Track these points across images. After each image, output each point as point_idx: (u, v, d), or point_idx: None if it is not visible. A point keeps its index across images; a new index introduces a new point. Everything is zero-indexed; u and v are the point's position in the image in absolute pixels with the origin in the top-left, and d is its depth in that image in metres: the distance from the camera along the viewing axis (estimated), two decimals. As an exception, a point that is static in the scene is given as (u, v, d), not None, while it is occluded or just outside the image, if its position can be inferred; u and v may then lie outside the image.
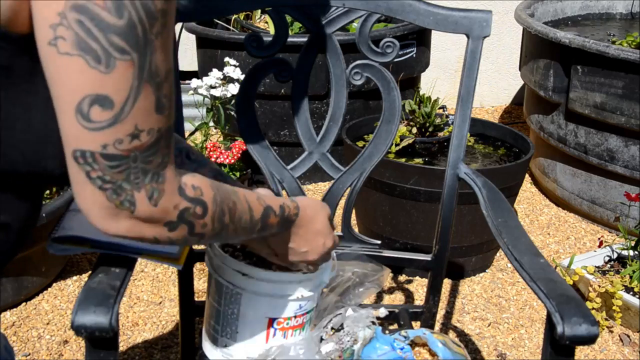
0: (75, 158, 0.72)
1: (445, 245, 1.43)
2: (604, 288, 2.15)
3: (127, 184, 0.74)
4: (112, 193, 0.74)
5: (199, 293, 2.21)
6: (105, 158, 0.71)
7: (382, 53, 1.36)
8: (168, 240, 0.83)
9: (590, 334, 0.94)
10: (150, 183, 0.76)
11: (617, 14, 3.45)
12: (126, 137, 0.71)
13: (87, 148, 0.71)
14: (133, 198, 0.75)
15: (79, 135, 0.70)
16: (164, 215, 0.79)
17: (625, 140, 2.57)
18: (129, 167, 0.73)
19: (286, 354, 1.13)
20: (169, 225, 0.81)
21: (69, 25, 0.66)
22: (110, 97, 0.68)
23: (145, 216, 0.77)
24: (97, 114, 0.69)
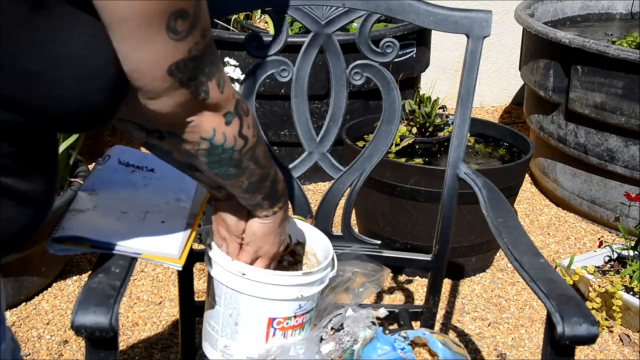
0: (171, 72, 0.81)
1: (445, 245, 1.43)
2: (604, 288, 2.15)
3: (203, 77, 0.85)
4: (195, 88, 0.84)
5: (199, 293, 2.21)
6: (191, 61, 0.82)
7: (382, 53, 1.36)
8: (222, 138, 0.92)
9: (590, 334, 0.94)
10: (217, 72, 0.87)
11: (617, 14, 3.45)
12: (200, 39, 0.81)
13: (180, 58, 0.80)
14: (207, 87, 0.86)
15: (171, 50, 0.80)
16: (226, 103, 0.90)
17: (625, 140, 2.57)
18: (204, 62, 0.84)
19: (286, 353, 1.13)
20: (227, 117, 0.91)
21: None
22: (185, 8, 0.78)
23: (214, 102, 0.88)
24: (180, 25, 0.78)
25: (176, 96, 0.84)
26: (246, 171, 0.99)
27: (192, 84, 0.84)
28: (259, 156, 1.00)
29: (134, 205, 1.14)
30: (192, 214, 1.15)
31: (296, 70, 1.37)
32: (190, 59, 0.82)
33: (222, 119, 0.91)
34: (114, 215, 1.11)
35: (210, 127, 0.90)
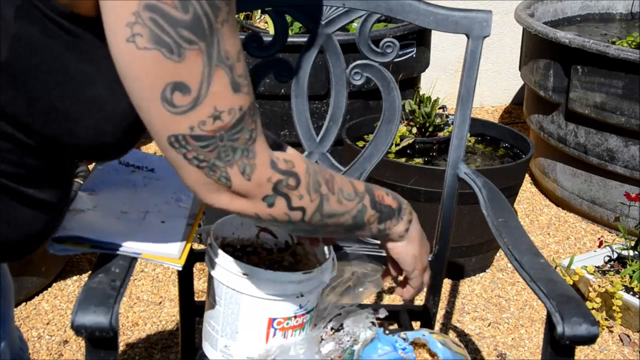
0: (170, 144, 0.78)
1: (445, 245, 1.43)
2: (604, 288, 2.15)
3: (219, 162, 0.80)
4: (209, 170, 0.80)
5: (199, 293, 2.21)
6: (194, 139, 0.78)
7: (382, 53, 1.36)
8: (271, 217, 0.87)
9: (590, 334, 0.94)
10: (241, 159, 0.81)
11: (617, 14, 3.45)
12: (208, 119, 0.77)
13: (179, 132, 0.77)
14: (227, 174, 0.81)
15: (168, 121, 0.77)
16: (259, 189, 0.84)
17: (625, 140, 2.57)
18: (217, 146, 0.79)
19: (286, 354, 1.13)
20: (267, 200, 0.86)
21: (144, 23, 0.72)
22: (186, 83, 0.75)
23: (241, 190, 0.83)
24: (178, 98, 0.75)
25: (189, 171, 0.81)
26: (328, 226, 0.94)
27: (203, 165, 0.80)
28: (332, 209, 0.93)
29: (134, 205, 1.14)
30: (192, 214, 1.15)
31: (296, 70, 1.37)
32: (193, 137, 0.78)
33: (262, 203, 0.86)
34: (114, 215, 1.11)
35: (251, 212, 0.86)
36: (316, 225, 0.92)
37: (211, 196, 0.83)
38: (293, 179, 0.87)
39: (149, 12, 0.72)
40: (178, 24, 0.73)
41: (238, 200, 0.84)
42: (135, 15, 0.72)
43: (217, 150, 0.79)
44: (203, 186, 0.82)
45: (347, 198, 0.95)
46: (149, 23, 0.72)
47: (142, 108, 0.78)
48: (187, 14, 0.73)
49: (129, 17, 0.72)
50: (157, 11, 0.72)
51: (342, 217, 0.95)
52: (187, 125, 0.77)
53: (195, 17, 0.73)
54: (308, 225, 0.92)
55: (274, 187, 0.85)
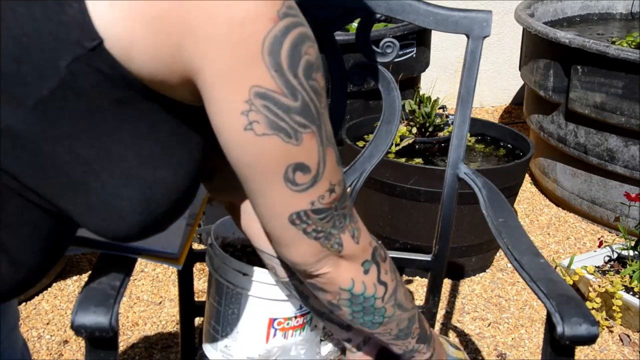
0: (292, 222, 0.82)
1: (445, 245, 1.43)
2: (604, 288, 2.15)
3: (334, 229, 0.85)
4: (325, 240, 0.85)
5: (199, 293, 2.21)
6: (314, 213, 0.82)
7: (382, 53, 1.36)
8: (362, 287, 0.92)
9: (590, 334, 0.94)
10: (350, 224, 0.87)
11: (617, 14, 3.45)
12: (326, 192, 0.82)
13: (300, 209, 0.81)
14: (340, 239, 0.87)
15: (291, 200, 0.80)
16: (363, 253, 0.90)
17: (625, 140, 2.57)
18: (332, 215, 0.84)
19: (287, 354, 1.13)
20: (365, 266, 0.91)
21: (258, 110, 0.74)
22: (306, 163, 0.79)
23: (349, 254, 0.88)
24: (300, 177, 0.79)
25: (304, 245, 0.85)
26: (393, 318, 0.98)
27: (320, 236, 0.84)
28: (401, 300, 0.98)
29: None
30: (192, 214, 1.15)
31: (296, 70, 1.37)
32: (314, 211, 0.82)
33: (361, 268, 0.91)
34: (114, 215, 1.11)
35: (348, 278, 0.91)
36: (386, 312, 0.97)
37: (318, 265, 0.87)
38: (382, 251, 0.95)
39: (261, 99, 0.73)
40: (290, 110, 0.75)
41: (341, 267, 0.89)
42: (249, 103, 0.73)
43: (333, 220, 0.84)
44: (314, 256, 0.86)
45: (407, 298, 1.00)
46: (263, 110, 0.73)
47: (261, 192, 0.80)
48: (297, 101, 0.75)
49: (242, 105, 0.73)
50: (268, 99, 0.73)
51: (403, 314, 1.00)
52: (309, 201, 0.81)
53: (304, 103, 0.76)
54: (380, 311, 0.96)
55: (372, 253, 0.92)
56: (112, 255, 1.01)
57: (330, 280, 0.90)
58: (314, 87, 0.77)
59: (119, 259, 1.01)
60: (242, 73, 0.72)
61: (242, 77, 0.72)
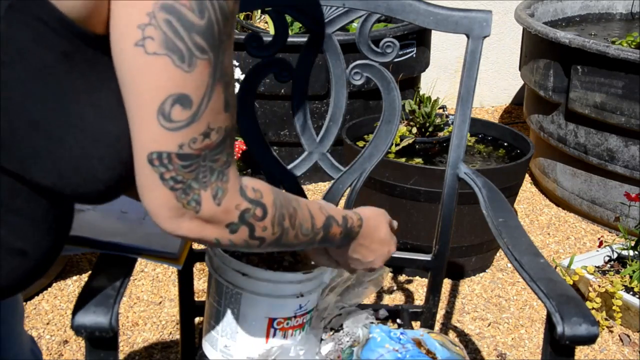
0: (150, 161, 0.73)
1: (445, 245, 1.43)
2: (604, 288, 2.15)
3: (196, 183, 0.76)
4: (182, 193, 0.75)
5: (199, 293, 2.21)
6: (180, 158, 0.73)
7: (382, 53, 1.36)
8: (229, 243, 0.84)
9: (590, 334, 0.94)
10: (216, 182, 0.77)
11: (617, 14, 3.45)
12: (199, 136, 0.73)
13: (165, 149, 0.72)
14: (199, 197, 0.77)
15: (157, 137, 0.72)
16: (226, 216, 0.80)
17: (625, 140, 2.57)
18: (198, 166, 0.75)
19: (286, 354, 1.13)
20: (230, 227, 0.82)
21: (157, 25, 0.68)
22: (190, 96, 0.70)
23: (208, 216, 0.79)
24: (177, 113, 0.71)
25: (157, 194, 0.75)
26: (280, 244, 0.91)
27: (178, 187, 0.75)
28: (287, 241, 0.91)
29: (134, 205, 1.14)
30: (192, 214, 1.15)
31: (296, 70, 1.37)
32: (179, 156, 0.73)
33: (225, 229, 0.82)
34: (114, 215, 1.11)
35: (212, 237, 0.82)
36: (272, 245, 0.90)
37: (172, 222, 0.78)
38: (260, 209, 0.85)
39: (165, 13, 0.68)
40: (193, 28, 0.69)
41: (201, 227, 0.80)
42: (150, 16, 0.68)
43: (197, 171, 0.75)
44: (168, 211, 0.77)
45: (304, 233, 0.93)
46: (163, 26, 0.68)
47: (134, 120, 0.72)
48: (203, 19, 0.69)
49: (142, 18, 0.68)
50: (174, 13, 0.68)
51: (294, 247, 0.95)
52: (178, 143, 0.72)
53: (209, 24, 0.69)
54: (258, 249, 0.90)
55: (240, 215, 0.82)
56: (112, 255, 1.02)
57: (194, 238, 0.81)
58: (223, 9, 0.70)
59: (119, 259, 1.01)
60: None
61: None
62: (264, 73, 1.37)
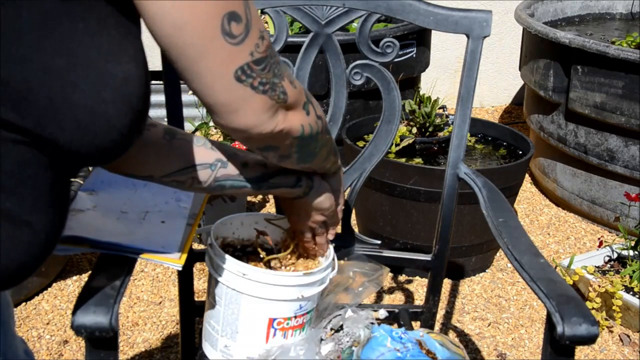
0: (238, 78, 0.80)
1: (445, 245, 1.43)
2: (604, 288, 2.15)
3: (276, 78, 0.84)
4: (272, 91, 0.84)
5: (199, 293, 2.21)
6: (256, 64, 0.81)
7: (382, 53, 1.36)
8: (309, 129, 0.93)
9: (590, 334, 0.94)
10: (285, 70, 0.87)
11: (617, 14, 3.45)
12: (259, 40, 0.81)
13: (243, 62, 0.80)
14: (283, 87, 0.86)
15: (232, 55, 0.79)
16: (301, 96, 0.91)
17: (625, 140, 2.57)
18: (269, 64, 0.83)
19: (286, 354, 1.13)
20: (305, 108, 0.92)
21: None
22: (236, 11, 0.77)
23: (293, 100, 0.88)
24: (235, 28, 0.78)
25: (255, 102, 0.83)
26: (325, 144, 1.02)
27: (267, 88, 0.83)
28: (326, 124, 1.01)
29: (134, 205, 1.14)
30: (192, 214, 1.15)
31: (296, 70, 1.37)
32: (255, 62, 0.81)
33: (303, 111, 0.92)
34: (114, 215, 1.11)
35: (299, 125, 0.91)
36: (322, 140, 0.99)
37: (271, 122, 0.85)
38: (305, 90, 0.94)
39: None
40: None
41: (288, 117, 0.88)
42: None
43: (271, 68, 0.83)
44: (267, 112, 0.84)
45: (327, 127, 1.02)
46: None
47: (202, 55, 0.78)
48: None
49: None
50: None
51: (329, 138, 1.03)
52: (249, 52, 0.80)
53: None
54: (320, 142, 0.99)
55: (305, 94, 0.93)
56: (112, 255, 1.02)
57: (285, 134, 0.89)
58: None
59: (119, 259, 1.01)
60: None
61: None
62: (264, 73, 1.37)
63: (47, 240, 0.81)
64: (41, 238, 0.80)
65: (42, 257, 0.82)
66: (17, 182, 0.75)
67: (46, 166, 0.77)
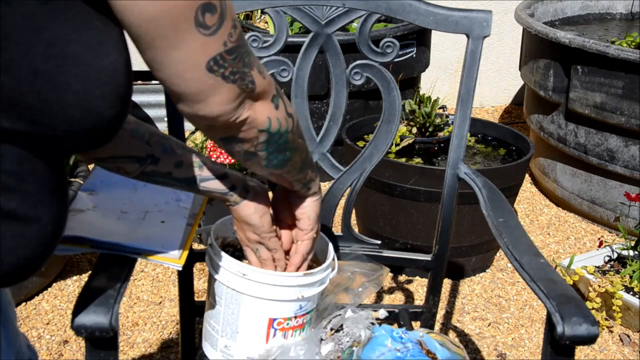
0: (210, 69, 0.80)
1: (445, 245, 1.43)
2: (604, 288, 2.15)
3: (246, 68, 0.84)
4: (240, 81, 0.84)
5: (199, 293, 2.21)
6: (228, 53, 0.81)
7: (382, 53, 1.36)
8: (277, 123, 0.92)
9: (590, 334, 0.94)
10: (254, 59, 0.87)
11: (617, 14, 3.45)
12: (232, 29, 0.81)
13: (216, 52, 0.79)
14: (252, 77, 0.85)
15: (205, 46, 0.78)
16: (270, 87, 0.90)
17: (625, 140, 2.57)
18: (240, 53, 0.83)
19: (286, 354, 1.13)
20: (274, 101, 0.91)
21: None
22: (211, 2, 0.77)
23: (261, 90, 0.88)
24: (209, 19, 0.77)
25: (224, 93, 0.83)
26: (298, 149, 1.00)
27: (237, 77, 0.83)
28: (300, 130, 1.00)
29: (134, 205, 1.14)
30: (192, 214, 1.15)
31: (296, 70, 1.37)
32: (227, 52, 0.81)
33: (271, 104, 0.91)
34: (114, 215, 1.11)
35: (265, 117, 0.90)
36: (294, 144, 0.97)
37: (237, 112, 0.86)
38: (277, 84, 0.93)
39: None
40: None
41: (257, 108, 0.88)
42: None
43: (241, 57, 0.83)
44: (234, 101, 0.84)
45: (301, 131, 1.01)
46: None
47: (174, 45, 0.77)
48: None
49: None
50: None
51: (302, 143, 1.01)
52: (222, 42, 0.80)
53: None
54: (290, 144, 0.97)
55: (275, 87, 0.91)
56: (112, 255, 1.02)
57: (250, 124, 0.89)
58: None
59: (119, 259, 1.01)
60: None
61: None
62: (264, 73, 1.37)
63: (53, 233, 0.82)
64: (47, 231, 0.81)
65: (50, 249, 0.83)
66: (18, 179, 0.76)
67: (42, 158, 0.78)
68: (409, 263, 1.53)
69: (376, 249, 1.45)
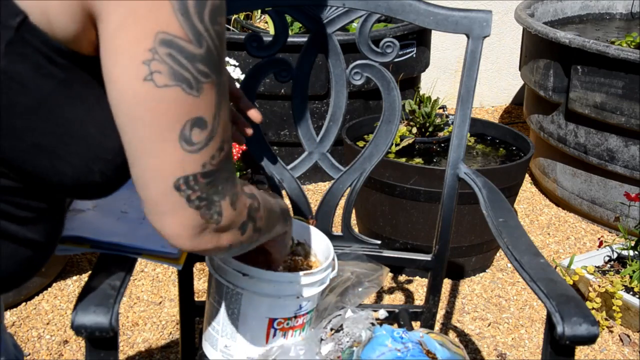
0: (177, 187, 0.75)
1: (445, 245, 1.43)
2: (604, 288, 2.15)
3: (217, 196, 0.78)
4: (206, 209, 0.78)
5: (199, 293, 2.21)
6: (203, 177, 0.76)
7: (382, 53, 1.36)
8: (239, 245, 0.87)
9: (590, 334, 0.94)
10: (231, 189, 0.81)
11: (617, 14, 3.45)
12: (216, 152, 0.76)
13: (190, 172, 0.75)
14: (220, 208, 0.79)
15: (182, 162, 0.74)
16: (239, 218, 0.84)
17: (625, 140, 2.57)
18: (217, 178, 0.78)
19: (286, 354, 1.13)
20: (242, 228, 0.85)
21: (161, 60, 0.70)
22: (203, 117, 0.74)
23: (228, 223, 0.81)
24: (197, 135, 0.73)
25: (182, 217, 0.77)
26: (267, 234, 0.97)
27: (202, 205, 0.77)
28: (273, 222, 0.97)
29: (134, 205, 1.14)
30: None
31: (296, 70, 1.37)
32: (203, 175, 0.76)
33: (238, 232, 0.85)
34: (114, 215, 1.11)
35: (226, 245, 0.84)
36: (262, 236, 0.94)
37: (194, 240, 0.80)
38: (255, 200, 0.88)
39: (165, 47, 0.70)
40: (195, 58, 0.72)
41: (217, 237, 0.82)
42: (152, 52, 0.70)
43: (216, 184, 0.78)
44: (192, 229, 0.78)
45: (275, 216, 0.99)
46: (167, 59, 0.70)
47: (151, 152, 0.74)
48: (201, 47, 0.72)
49: (145, 54, 0.70)
50: (174, 47, 0.70)
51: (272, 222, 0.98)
52: (201, 163, 0.75)
53: (209, 50, 0.72)
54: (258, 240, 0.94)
55: (248, 213, 0.86)
56: (112, 255, 1.02)
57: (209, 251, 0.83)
58: (218, 33, 0.73)
59: (119, 259, 1.01)
60: (148, 17, 0.69)
61: (148, 21, 0.69)
62: (264, 73, 1.37)
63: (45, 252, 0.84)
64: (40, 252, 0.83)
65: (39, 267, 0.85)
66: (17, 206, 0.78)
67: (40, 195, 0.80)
68: (409, 263, 1.53)
69: (376, 249, 1.45)
